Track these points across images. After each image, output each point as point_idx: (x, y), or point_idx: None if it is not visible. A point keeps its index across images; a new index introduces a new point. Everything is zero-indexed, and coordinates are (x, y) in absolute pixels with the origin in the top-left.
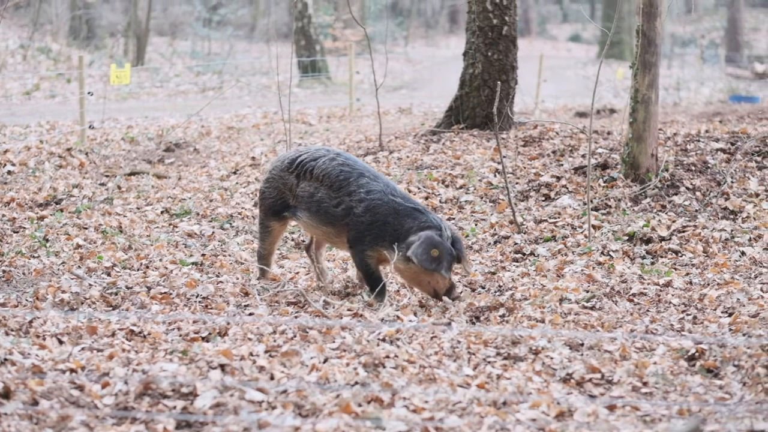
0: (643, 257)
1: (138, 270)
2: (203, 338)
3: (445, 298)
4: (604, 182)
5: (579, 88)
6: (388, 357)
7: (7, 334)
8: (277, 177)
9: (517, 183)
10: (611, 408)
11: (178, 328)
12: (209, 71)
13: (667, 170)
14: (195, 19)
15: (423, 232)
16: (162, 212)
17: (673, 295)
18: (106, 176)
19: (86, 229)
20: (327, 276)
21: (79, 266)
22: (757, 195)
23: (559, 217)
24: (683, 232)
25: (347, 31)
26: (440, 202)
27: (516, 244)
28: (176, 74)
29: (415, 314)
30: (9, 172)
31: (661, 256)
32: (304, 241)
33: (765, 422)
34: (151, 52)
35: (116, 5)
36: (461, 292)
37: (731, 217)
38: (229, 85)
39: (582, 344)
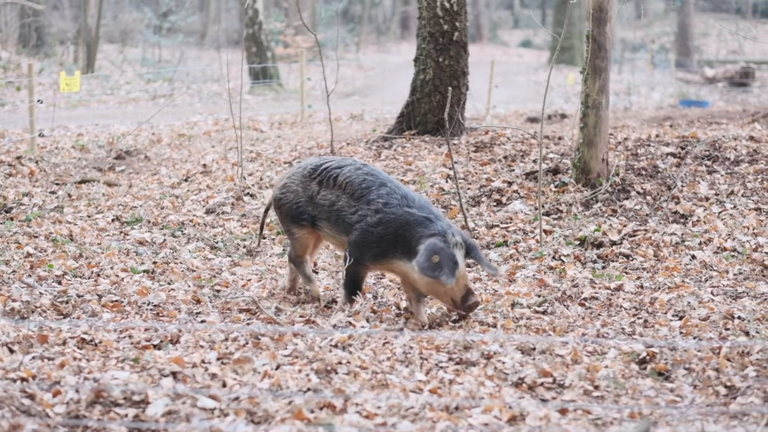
0: (595, 261)
1: (89, 278)
2: (155, 346)
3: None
4: (556, 187)
5: (530, 93)
6: (340, 363)
7: None
8: (296, 182)
9: (468, 188)
10: (563, 412)
11: (130, 336)
12: (160, 78)
13: (617, 175)
14: (145, 26)
15: (427, 241)
16: (113, 220)
17: (624, 299)
18: (57, 184)
19: (36, 237)
20: (296, 290)
21: (29, 275)
22: (707, 199)
23: (510, 223)
24: (634, 236)
25: (298, 37)
26: None
27: None
28: (127, 82)
29: (367, 320)
30: None
31: (612, 261)
32: (256, 248)
33: (715, 425)
34: (102, 59)
35: (66, 13)
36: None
37: (682, 221)
38: (180, 93)
39: (534, 348)
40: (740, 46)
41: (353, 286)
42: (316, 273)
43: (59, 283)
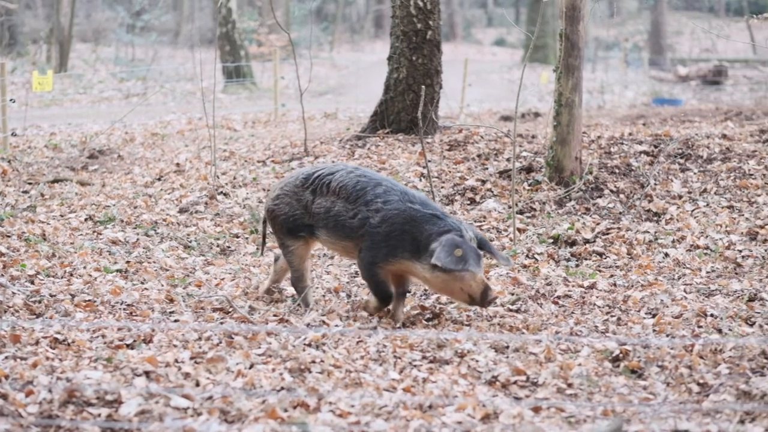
0: (568, 260)
1: (62, 278)
2: (128, 345)
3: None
4: (529, 185)
5: (504, 92)
6: (314, 362)
7: None
8: (289, 193)
9: (442, 187)
10: (536, 410)
11: (103, 336)
12: (133, 77)
13: (591, 173)
14: (118, 25)
15: (443, 237)
16: (86, 219)
17: (597, 297)
18: (29, 184)
19: (9, 237)
20: (271, 291)
21: (2, 274)
22: (680, 197)
23: (484, 221)
24: (607, 234)
25: (272, 36)
26: None
27: None
28: (100, 81)
29: (341, 319)
30: None
31: (586, 259)
32: (229, 247)
33: (688, 422)
34: (75, 58)
35: (39, 12)
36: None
37: (655, 219)
38: (153, 92)
39: (507, 347)
40: (713, 45)
41: (379, 292)
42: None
43: (32, 282)
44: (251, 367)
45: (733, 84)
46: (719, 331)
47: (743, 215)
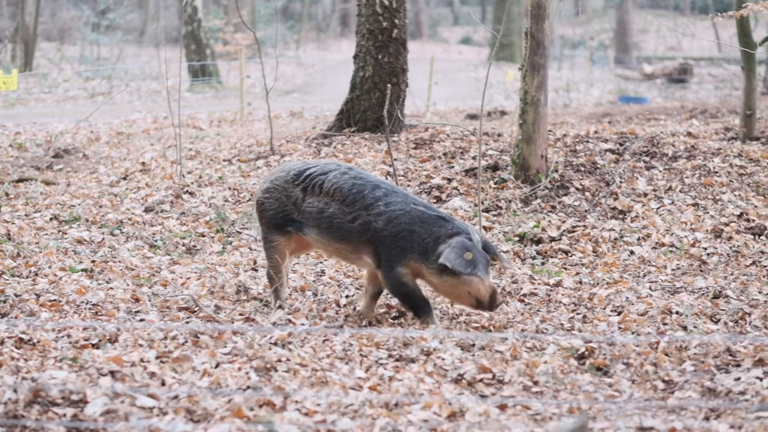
0: (534, 258)
1: (27, 277)
2: (93, 345)
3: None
4: (495, 184)
5: (470, 90)
6: (280, 361)
7: None
8: (279, 188)
9: (408, 185)
10: (502, 407)
11: (68, 336)
12: (98, 76)
13: (556, 171)
14: (84, 23)
15: (452, 239)
16: (51, 219)
17: (563, 295)
18: None
19: None
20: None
21: None
22: (646, 195)
23: None
24: (573, 232)
25: (238, 35)
26: None
27: None
28: (65, 80)
29: (307, 318)
30: None
31: (552, 257)
32: (195, 246)
33: (653, 419)
34: (40, 57)
35: (3, 11)
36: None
37: (620, 216)
38: (119, 91)
39: (473, 345)
40: (678, 43)
41: (411, 300)
42: (257, 270)
43: None
44: (217, 366)
45: (698, 82)
46: (684, 328)
47: (708, 213)
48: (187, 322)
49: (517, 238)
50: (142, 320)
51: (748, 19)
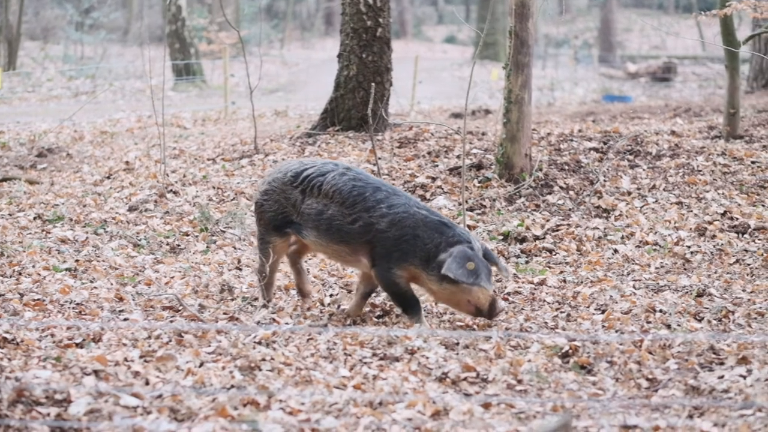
0: (518, 256)
1: (10, 277)
2: (77, 344)
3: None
4: (479, 182)
5: (455, 89)
6: (264, 360)
7: None
8: (277, 190)
9: (392, 184)
10: (486, 406)
11: (52, 335)
12: (82, 75)
13: (540, 170)
14: (67, 22)
15: (454, 248)
16: (34, 218)
17: (547, 294)
18: None
19: None
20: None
21: None
22: (629, 193)
23: None
24: (557, 230)
25: (222, 34)
26: None
27: None
28: (48, 79)
29: (291, 317)
30: None
31: (536, 255)
32: (179, 245)
33: (637, 417)
34: (23, 56)
35: None
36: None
37: (604, 215)
38: (103, 90)
39: (457, 343)
40: (662, 42)
41: (406, 301)
42: (241, 269)
43: None
44: (201, 365)
45: (682, 81)
46: (668, 326)
47: (692, 211)
48: (171, 321)
49: (501, 237)
50: (126, 319)
51: (732, 18)
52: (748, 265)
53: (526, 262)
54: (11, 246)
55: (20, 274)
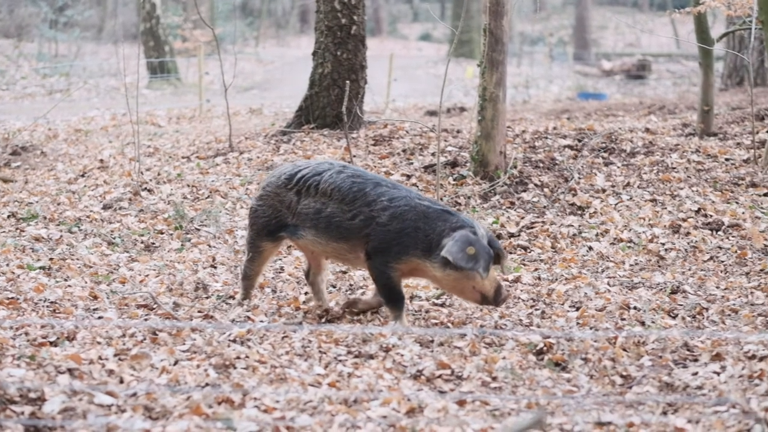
0: None
1: None
2: (51, 343)
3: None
4: (454, 180)
5: (430, 87)
6: (239, 358)
7: None
8: (272, 194)
9: None
10: (461, 403)
11: (26, 333)
12: (56, 73)
13: (515, 167)
14: (41, 20)
15: (456, 233)
16: (8, 216)
17: (521, 291)
18: None
19: None
20: (326, 304)
21: None
22: (604, 191)
23: None
24: (532, 228)
25: (197, 31)
26: None
27: None
28: (22, 77)
29: (266, 315)
30: None
31: (510, 252)
32: (154, 243)
33: (611, 414)
34: None
35: None
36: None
37: (578, 212)
38: (77, 87)
39: (432, 341)
40: (637, 39)
41: (393, 295)
42: (215, 268)
43: None
44: (176, 363)
45: (656, 78)
46: (642, 323)
47: (666, 208)
48: (146, 320)
49: None
50: (100, 318)
51: (706, 16)
52: (722, 262)
53: None
54: None
55: None
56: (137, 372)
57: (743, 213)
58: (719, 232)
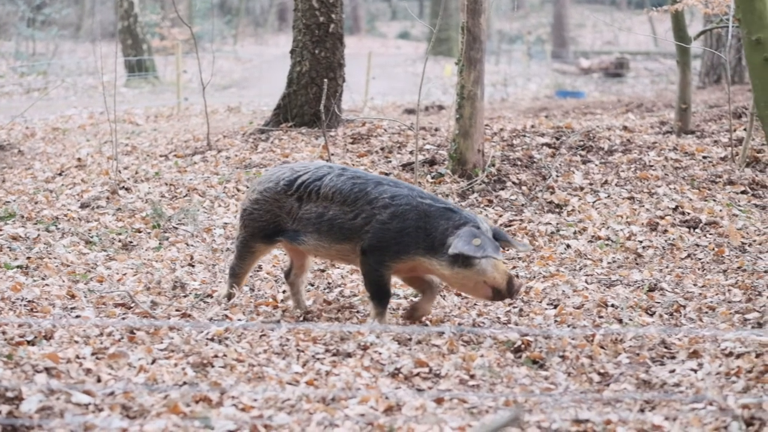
0: None
1: None
2: (29, 342)
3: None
4: (432, 178)
5: (408, 85)
6: (216, 356)
7: None
8: (270, 199)
9: None
10: (439, 401)
11: (3, 333)
12: (34, 72)
13: (493, 165)
14: (19, 19)
15: (460, 230)
16: None
17: None
18: None
19: None
20: (304, 306)
21: None
22: (582, 188)
23: None
24: (510, 226)
25: (174, 30)
26: None
27: None
28: (0, 75)
29: (243, 313)
30: None
31: None
32: (131, 242)
33: (589, 411)
34: None
35: None
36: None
37: (556, 210)
38: (55, 86)
39: (410, 339)
40: (615, 37)
41: (381, 293)
42: (193, 266)
43: None
44: (153, 362)
45: (634, 76)
46: (620, 321)
47: (644, 206)
48: (123, 318)
49: None
50: (77, 317)
51: (683, 14)
52: (700, 259)
53: None
54: None
55: None
56: (115, 371)
57: (720, 211)
58: (696, 230)
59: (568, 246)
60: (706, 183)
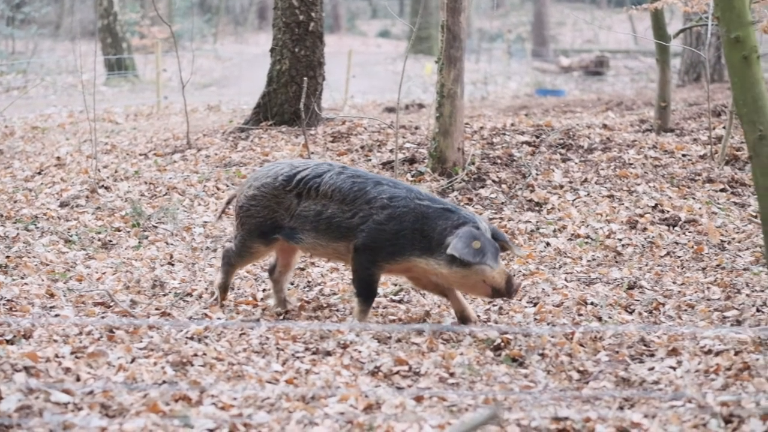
0: None
1: None
2: (7, 341)
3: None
4: (412, 177)
5: (388, 83)
6: (196, 355)
7: None
8: (268, 195)
9: None
10: (418, 399)
11: None
12: (13, 71)
13: (473, 164)
14: None
15: (459, 230)
16: None
17: None
18: None
19: None
20: (288, 305)
21: None
22: (561, 187)
23: None
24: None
25: (154, 28)
26: None
27: None
28: None
29: (223, 311)
30: None
31: None
32: (111, 240)
33: (568, 409)
34: None
35: None
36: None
37: (536, 208)
38: (34, 85)
39: (390, 337)
40: (595, 36)
41: (369, 292)
42: (173, 265)
43: None
44: (133, 361)
45: (614, 74)
46: (599, 318)
47: (623, 204)
48: (103, 317)
49: None
50: (57, 316)
51: (663, 12)
52: (679, 257)
53: None
54: None
55: None
56: (94, 370)
57: (700, 208)
58: (676, 228)
59: (548, 244)
60: (685, 181)
